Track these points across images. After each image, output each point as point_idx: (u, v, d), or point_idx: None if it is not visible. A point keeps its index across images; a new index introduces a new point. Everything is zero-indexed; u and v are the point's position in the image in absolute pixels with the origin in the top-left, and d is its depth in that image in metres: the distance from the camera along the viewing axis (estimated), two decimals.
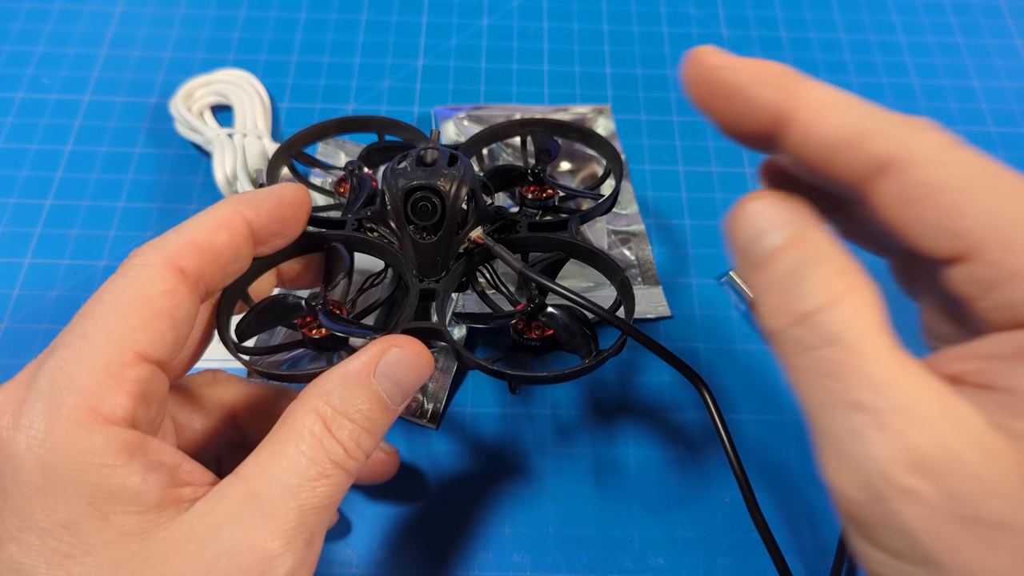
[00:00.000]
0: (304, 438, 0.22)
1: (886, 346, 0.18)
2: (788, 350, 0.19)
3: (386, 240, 0.29)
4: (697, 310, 0.40)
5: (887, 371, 0.18)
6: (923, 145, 0.19)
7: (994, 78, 0.49)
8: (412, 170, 0.27)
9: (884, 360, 0.18)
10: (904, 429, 0.17)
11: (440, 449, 0.35)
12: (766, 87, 0.20)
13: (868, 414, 0.18)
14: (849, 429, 0.18)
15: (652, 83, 0.48)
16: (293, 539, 0.21)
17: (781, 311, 0.19)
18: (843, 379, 0.18)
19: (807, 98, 0.20)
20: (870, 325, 0.18)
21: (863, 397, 0.18)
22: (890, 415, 0.18)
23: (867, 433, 0.18)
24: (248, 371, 0.28)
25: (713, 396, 0.26)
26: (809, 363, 0.19)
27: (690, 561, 0.33)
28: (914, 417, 0.17)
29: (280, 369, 0.27)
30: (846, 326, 0.18)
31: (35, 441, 0.20)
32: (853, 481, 0.18)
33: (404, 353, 0.24)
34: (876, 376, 0.18)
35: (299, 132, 0.35)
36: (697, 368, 0.33)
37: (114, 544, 0.20)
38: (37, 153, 0.44)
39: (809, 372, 0.19)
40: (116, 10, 0.50)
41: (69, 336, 0.22)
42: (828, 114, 0.19)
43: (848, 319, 0.18)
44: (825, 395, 0.19)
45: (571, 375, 0.26)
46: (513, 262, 0.27)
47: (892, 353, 0.18)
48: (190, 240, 0.24)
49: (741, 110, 0.21)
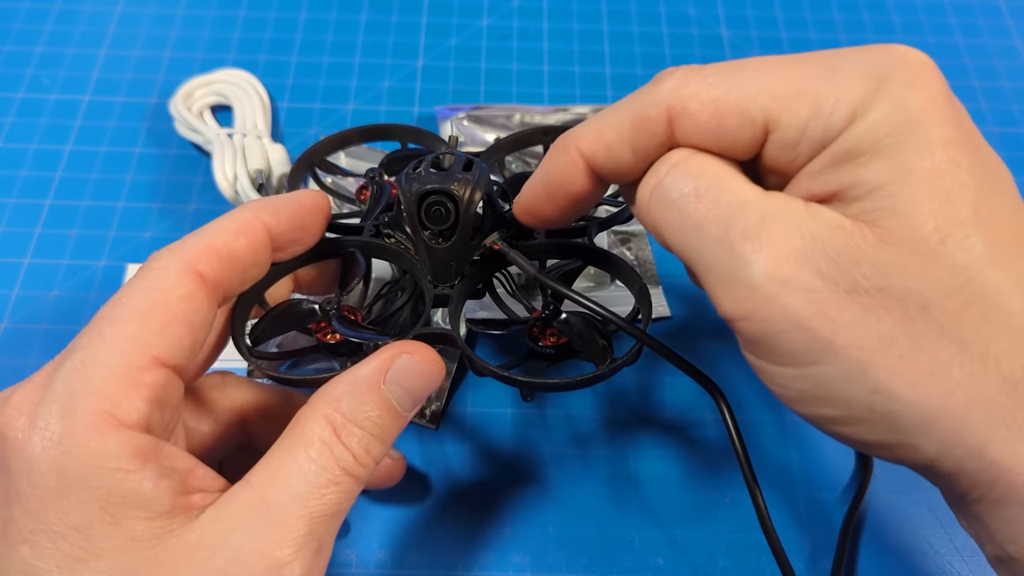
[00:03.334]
0: (314, 445, 0.22)
1: (738, 176, 0.21)
2: (657, 213, 0.22)
3: (403, 246, 0.29)
4: (697, 310, 0.40)
5: (745, 193, 0.20)
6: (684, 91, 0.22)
7: (994, 78, 0.49)
8: (427, 175, 0.27)
9: (740, 184, 0.21)
10: (772, 231, 0.20)
11: (440, 450, 0.35)
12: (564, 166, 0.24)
13: (738, 230, 0.20)
14: (727, 251, 0.20)
15: None
16: (303, 547, 0.21)
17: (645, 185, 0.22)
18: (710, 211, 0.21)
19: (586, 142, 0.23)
20: (719, 164, 0.21)
21: (730, 218, 0.20)
22: (757, 224, 0.20)
23: (742, 246, 0.20)
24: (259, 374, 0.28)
25: (730, 406, 0.26)
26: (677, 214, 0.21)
27: (690, 561, 0.33)
28: (777, 221, 0.20)
29: (280, 372, 0.27)
30: (701, 168, 0.21)
31: (50, 444, 0.20)
32: (742, 297, 0.20)
33: (414, 360, 0.24)
34: (737, 196, 0.20)
35: (321, 140, 0.35)
36: None
37: (125, 549, 0.20)
38: (37, 153, 0.44)
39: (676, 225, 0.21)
40: (116, 10, 0.50)
41: (87, 338, 0.22)
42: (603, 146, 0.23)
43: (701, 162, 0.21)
44: (699, 234, 0.21)
45: (583, 383, 0.26)
46: (528, 268, 0.27)
47: (745, 180, 0.21)
48: (209, 245, 0.24)
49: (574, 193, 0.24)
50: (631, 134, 0.22)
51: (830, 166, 0.20)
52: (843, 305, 0.19)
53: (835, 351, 0.19)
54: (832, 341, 0.19)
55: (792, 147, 0.21)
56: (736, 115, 0.21)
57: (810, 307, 0.19)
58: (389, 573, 0.32)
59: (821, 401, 0.20)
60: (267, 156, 0.41)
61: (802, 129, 0.20)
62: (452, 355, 0.37)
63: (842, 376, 0.19)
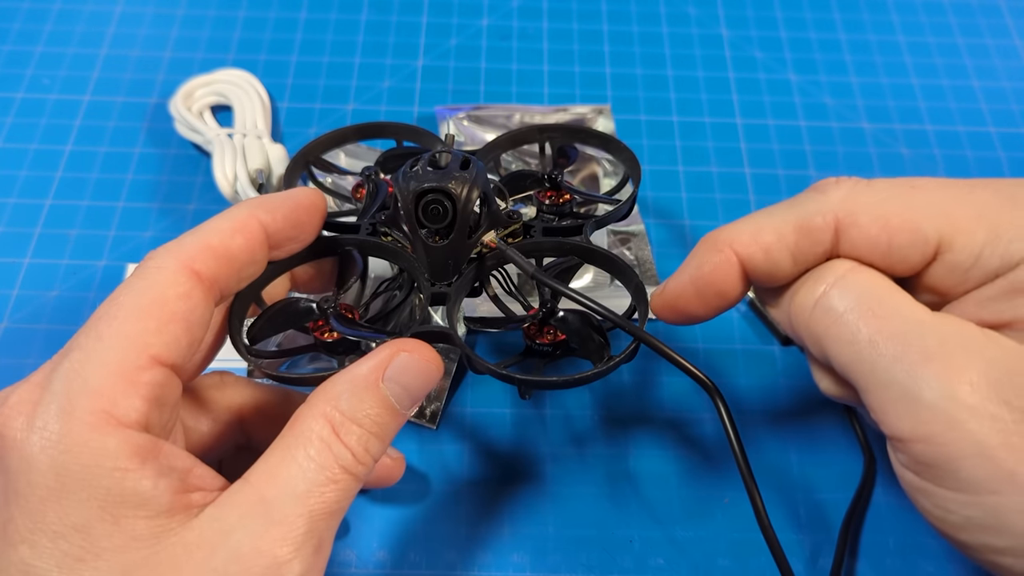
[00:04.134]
0: (313, 443, 0.22)
1: (904, 293, 0.21)
2: (823, 323, 0.22)
3: (399, 244, 0.29)
4: None
5: (919, 312, 0.20)
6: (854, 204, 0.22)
7: (994, 78, 0.49)
8: (424, 173, 0.27)
9: (911, 302, 0.20)
10: (955, 354, 0.19)
11: (440, 449, 0.35)
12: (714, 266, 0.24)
13: (917, 350, 0.19)
14: (906, 371, 0.20)
15: (652, 83, 0.48)
16: (302, 545, 0.21)
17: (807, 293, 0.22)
18: (885, 327, 0.20)
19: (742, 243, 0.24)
20: (886, 280, 0.21)
21: (908, 337, 0.20)
22: (938, 346, 0.19)
23: (924, 367, 0.19)
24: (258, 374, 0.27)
25: (727, 404, 0.26)
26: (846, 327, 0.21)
27: (690, 561, 0.33)
28: (959, 344, 0.19)
29: (278, 370, 0.27)
30: (870, 282, 0.21)
31: (49, 443, 0.20)
32: (923, 419, 0.19)
33: (413, 358, 0.24)
34: (912, 315, 0.20)
35: (317, 139, 0.35)
36: None
37: (125, 549, 0.20)
38: (37, 153, 0.44)
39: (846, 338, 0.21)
40: (116, 10, 0.50)
41: (84, 338, 0.22)
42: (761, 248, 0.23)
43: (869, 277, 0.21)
44: (874, 350, 0.20)
45: (580, 380, 0.26)
46: (526, 266, 0.27)
47: (912, 299, 0.21)
48: (206, 243, 0.24)
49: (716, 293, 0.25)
50: (793, 239, 0.23)
51: (1006, 295, 0.20)
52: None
53: (1017, 483, 0.19)
54: (1016, 472, 0.18)
55: (963, 271, 0.21)
56: (909, 233, 0.21)
57: (997, 436, 0.19)
58: (388, 573, 0.32)
59: (991, 531, 0.20)
60: (267, 156, 0.41)
61: (976, 254, 0.21)
62: (452, 356, 0.37)
63: (1021, 508, 0.19)
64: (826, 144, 0.46)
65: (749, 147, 0.46)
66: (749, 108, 0.47)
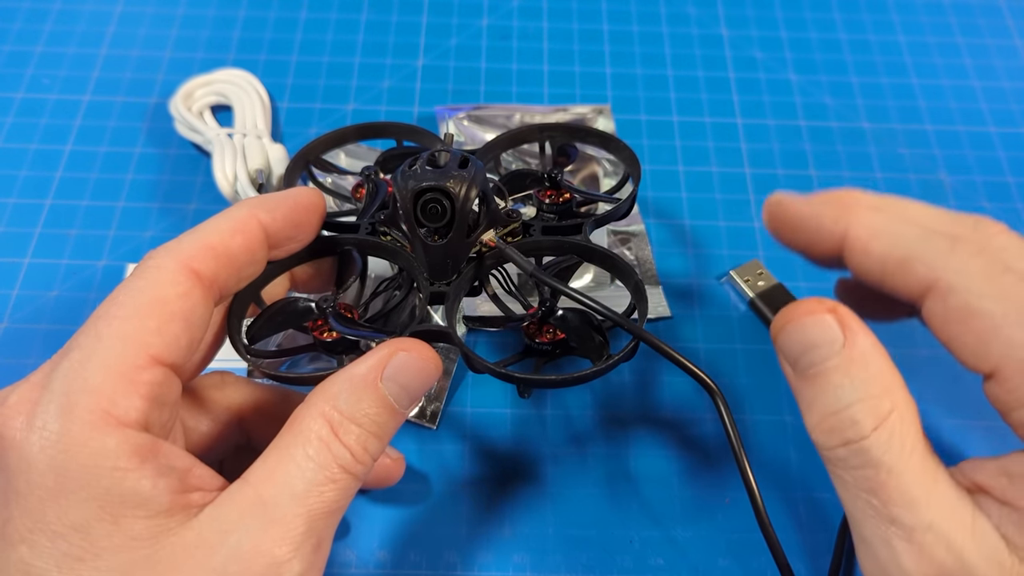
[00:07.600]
0: (311, 442, 0.22)
1: (919, 464, 0.21)
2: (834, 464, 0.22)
3: (399, 244, 0.29)
4: (697, 310, 0.40)
5: (919, 489, 0.21)
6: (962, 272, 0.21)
7: (994, 78, 0.49)
8: (423, 172, 0.27)
9: (917, 478, 0.21)
10: (931, 544, 0.20)
11: (439, 449, 0.35)
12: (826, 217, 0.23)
13: (901, 528, 0.21)
14: (884, 539, 0.21)
15: (652, 83, 0.48)
16: (301, 545, 0.21)
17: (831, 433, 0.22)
18: (881, 496, 0.21)
19: (860, 225, 0.22)
20: (907, 446, 0.21)
21: (897, 513, 0.21)
22: (920, 531, 0.20)
23: (899, 545, 0.21)
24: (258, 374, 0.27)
25: (727, 404, 0.26)
26: (852, 479, 0.21)
27: (690, 561, 0.33)
28: (940, 534, 0.20)
29: (278, 370, 0.28)
30: (886, 450, 0.21)
31: (48, 443, 0.20)
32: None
33: (411, 357, 0.24)
34: (909, 494, 0.21)
35: (317, 139, 0.35)
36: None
37: (124, 548, 0.20)
38: (37, 153, 0.44)
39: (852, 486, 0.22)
40: (116, 10, 0.50)
41: (83, 338, 0.22)
42: (877, 240, 0.22)
43: (888, 443, 0.21)
44: (865, 507, 0.21)
45: (579, 379, 0.26)
46: (525, 265, 0.27)
47: (924, 469, 0.21)
48: (205, 243, 0.24)
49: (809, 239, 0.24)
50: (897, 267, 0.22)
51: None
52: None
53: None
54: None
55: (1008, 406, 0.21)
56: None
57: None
58: (388, 573, 0.32)
59: None
60: (267, 156, 0.41)
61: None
62: (452, 355, 0.37)
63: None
64: (826, 144, 0.46)
65: (749, 147, 0.46)
66: (749, 108, 0.47)
